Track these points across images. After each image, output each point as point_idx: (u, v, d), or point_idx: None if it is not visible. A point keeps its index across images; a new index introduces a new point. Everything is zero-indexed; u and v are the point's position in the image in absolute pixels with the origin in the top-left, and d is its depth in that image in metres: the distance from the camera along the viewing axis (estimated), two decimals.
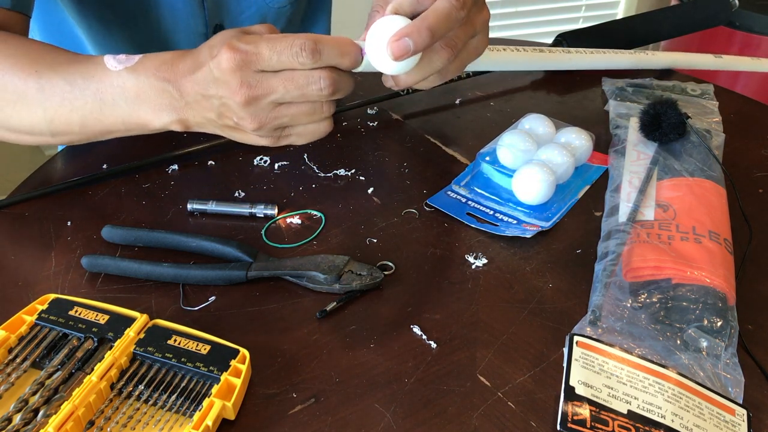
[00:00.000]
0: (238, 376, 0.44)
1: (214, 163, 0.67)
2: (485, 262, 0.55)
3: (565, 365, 0.45)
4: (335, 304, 0.51)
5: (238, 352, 0.45)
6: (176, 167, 0.66)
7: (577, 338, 0.46)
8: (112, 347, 0.45)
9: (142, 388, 0.44)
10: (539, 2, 2.15)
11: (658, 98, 0.71)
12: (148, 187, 0.64)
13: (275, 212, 0.60)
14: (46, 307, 0.48)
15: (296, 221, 0.60)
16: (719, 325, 0.47)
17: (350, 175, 0.65)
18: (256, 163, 0.67)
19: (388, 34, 0.46)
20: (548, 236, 0.58)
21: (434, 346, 0.48)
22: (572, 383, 0.43)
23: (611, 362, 0.45)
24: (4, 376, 0.44)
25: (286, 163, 0.67)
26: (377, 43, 0.47)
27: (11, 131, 0.58)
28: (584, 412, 0.42)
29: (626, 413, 0.42)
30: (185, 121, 0.53)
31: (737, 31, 1.70)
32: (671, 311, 0.49)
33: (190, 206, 0.60)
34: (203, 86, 0.50)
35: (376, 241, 0.57)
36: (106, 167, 0.66)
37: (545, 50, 0.79)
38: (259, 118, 0.49)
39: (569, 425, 0.41)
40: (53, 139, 0.58)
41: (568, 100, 0.79)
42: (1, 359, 0.45)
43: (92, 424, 0.42)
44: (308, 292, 0.52)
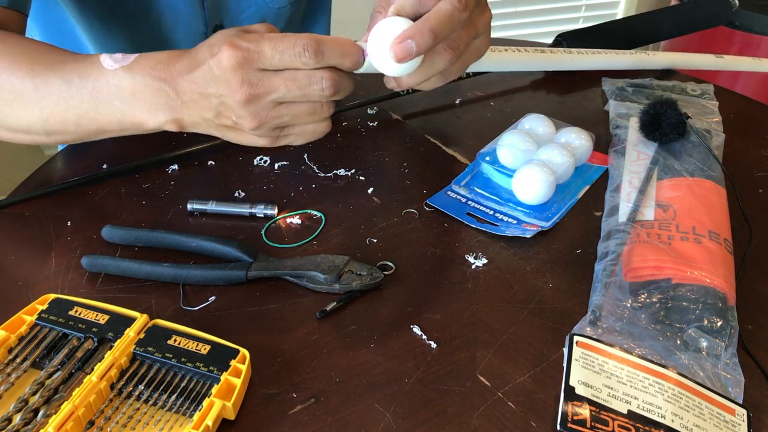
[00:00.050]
0: (238, 376, 0.44)
1: (214, 163, 0.67)
2: (485, 262, 0.55)
3: (565, 365, 0.45)
4: (335, 304, 0.51)
5: (238, 352, 0.45)
6: (176, 167, 0.66)
7: (577, 338, 0.46)
8: (112, 347, 0.45)
9: (142, 388, 0.44)
10: (539, 2, 2.14)
11: (658, 98, 0.71)
12: (148, 187, 0.64)
13: (275, 212, 0.60)
14: (46, 307, 0.48)
15: (296, 221, 0.60)
16: (719, 325, 0.47)
17: (350, 175, 0.65)
18: (256, 163, 0.67)
19: (390, 35, 0.46)
20: (548, 236, 0.58)
21: (434, 346, 0.48)
22: (572, 383, 0.43)
23: (611, 362, 0.45)
24: (4, 376, 0.44)
25: (286, 163, 0.67)
26: (380, 44, 0.47)
27: (8, 130, 0.58)
28: (584, 412, 0.42)
29: (626, 413, 0.42)
30: (180, 120, 0.53)
31: (737, 31, 1.69)
32: (671, 311, 0.49)
33: (190, 206, 0.60)
34: (202, 85, 0.49)
35: (376, 241, 0.57)
36: (106, 167, 0.66)
37: (546, 51, 0.79)
38: (259, 116, 0.49)
39: (569, 425, 0.41)
40: (48, 138, 0.58)
41: (568, 100, 0.79)
42: (1, 359, 0.45)
43: (92, 424, 0.42)
44: (308, 292, 0.52)
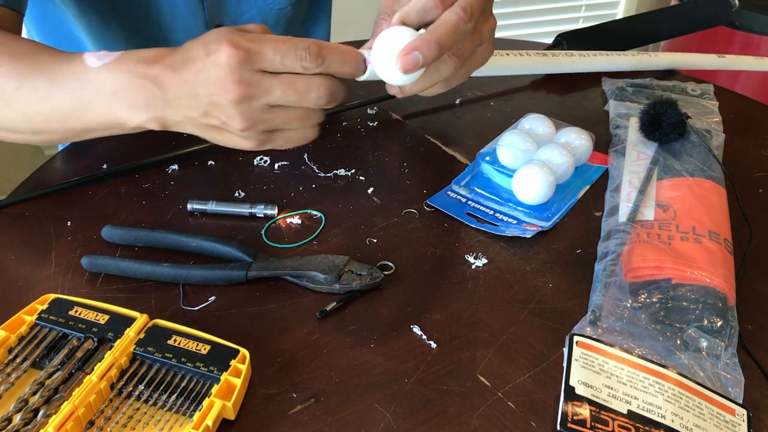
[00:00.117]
0: (238, 376, 0.44)
1: (214, 163, 0.67)
2: (485, 262, 0.55)
3: (565, 365, 0.45)
4: (335, 304, 0.51)
5: (238, 352, 0.45)
6: (176, 167, 0.66)
7: (577, 338, 0.46)
8: (112, 347, 0.45)
9: (142, 388, 0.44)
10: (539, 2, 2.14)
11: (658, 98, 0.71)
12: (148, 187, 0.64)
13: (275, 212, 0.60)
14: (46, 307, 0.48)
15: (296, 221, 0.60)
16: (719, 325, 0.47)
17: (350, 175, 0.65)
18: (256, 163, 0.67)
19: (395, 46, 0.46)
20: (548, 236, 0.58)
21: (434, 346, 0.48)
22: (572, 383, 0.43)
23: (611, 362, 0.45)
24: (4, 376, 0.44)
25: (286, 163, 0.67)
26: (385, 55, 0.46)
27: None
28: (584, 412, 0.42)
29: (626, 413, 0.42)
30: (162, 119, 0.51)
31: (737, 31, 1.70)
32: (671, 311, 0.49)
33: (190, 206, 0.60)
34: (192, 83, 0.48)
35: (376, 241, 0.57)
36: (106, 167, 0.66)
37: (548, 54, 0.79)
38: (250, 118, 0.48)
39: (569, 425, 0.41)
40: (36, 137, 0.57)
41: (568, 100, 0.79)
42: (1, 359, 0.45)
43: (92, 424, 0.42)
44: (308, 292, 0.52)
